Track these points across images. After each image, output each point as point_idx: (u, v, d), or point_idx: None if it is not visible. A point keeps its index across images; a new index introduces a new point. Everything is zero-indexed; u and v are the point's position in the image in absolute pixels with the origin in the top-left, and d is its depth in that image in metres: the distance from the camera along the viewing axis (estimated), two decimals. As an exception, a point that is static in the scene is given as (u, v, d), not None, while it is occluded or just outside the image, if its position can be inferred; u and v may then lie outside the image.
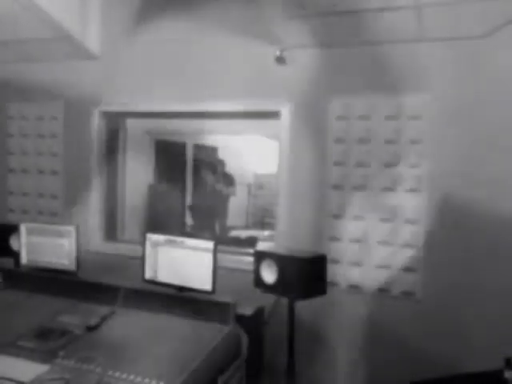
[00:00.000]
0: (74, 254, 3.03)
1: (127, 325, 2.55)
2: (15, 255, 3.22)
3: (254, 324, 2.92)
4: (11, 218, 4.00)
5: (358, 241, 3.15)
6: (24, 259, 3.15)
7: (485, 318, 2.86)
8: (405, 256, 3.05)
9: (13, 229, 3.24)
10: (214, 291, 2.65)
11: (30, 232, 3.15)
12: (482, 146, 2.87)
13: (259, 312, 3.05)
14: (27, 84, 4.08)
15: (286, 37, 3.21)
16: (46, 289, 2.95)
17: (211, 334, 2.40)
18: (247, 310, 2.89)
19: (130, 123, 4.33)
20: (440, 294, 2.97)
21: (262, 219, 8.28)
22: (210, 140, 8.61)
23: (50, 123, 4.02)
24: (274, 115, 3.40)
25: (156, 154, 6.93)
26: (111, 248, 3.93)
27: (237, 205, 8.42)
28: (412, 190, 3.02)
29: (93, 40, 3.81)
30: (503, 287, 2.82)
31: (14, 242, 3.26)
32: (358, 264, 3.16)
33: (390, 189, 3.07)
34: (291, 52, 3.26)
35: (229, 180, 7.61)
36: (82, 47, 3.74)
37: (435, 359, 2.97)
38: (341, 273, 3.19)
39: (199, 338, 2.38)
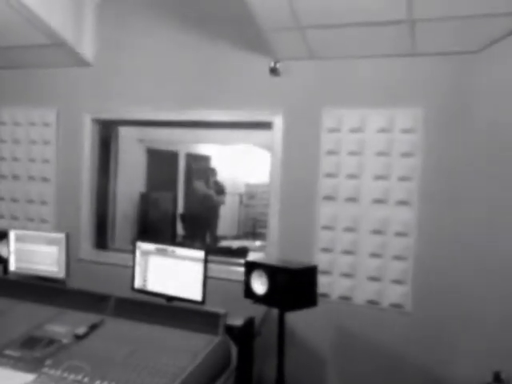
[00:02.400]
0: (63, 262, 3.01)
1: (116, 334, 2.53)
2: (4, 262, 3.19)
3: (243, 335, 2.91)
4: (0, 224, 3.97)
5: (349, 252, 3.16)
6: (12, 266, 3.12)
7: (473, 331, 2.87)
8: (395, 268, 3.06)
9: (1, 235, 3.21)
10: (204, 301, 2.63)
11: (19, 239, 3.12)
12: (474, 159, 2.91)
13: (249, 323, 3.04)
14: (20, 90, 4.07)
15: (279, 48, 3.23)
16: (34, 296, 2.91)
17: (201, 345, 2.38)
18: (237, 321, 2.88)
19: (123, 131, 4.33)
20: (429, 306, 2.98)
21: (253, 229, 8.28)
22: (202, 149, 8.62)
23: (42, 129, 4.01)
24: (266, 126, 3.41)
25: (148, 162, 6.92)
26: (101, 256, 3.90)
27: (228, 214, 8.42)
28: (403, 203, 3.04)
29: (87, 47, 3.81)
30: (492, 301, 2.84)
31: (2, 249, 3.23)
32: (348, 275, 3.16)
33: (380, 201, 3.09)
34: (285, 64, 3.29)
35: (219, 188, 7.61)
36: (75, 54, 3.74)
37: (424, 371, 2.98)
38: (332, 284, 3.19)
39: (188, 348, 2.36)
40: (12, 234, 3.13)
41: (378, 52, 3.07)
